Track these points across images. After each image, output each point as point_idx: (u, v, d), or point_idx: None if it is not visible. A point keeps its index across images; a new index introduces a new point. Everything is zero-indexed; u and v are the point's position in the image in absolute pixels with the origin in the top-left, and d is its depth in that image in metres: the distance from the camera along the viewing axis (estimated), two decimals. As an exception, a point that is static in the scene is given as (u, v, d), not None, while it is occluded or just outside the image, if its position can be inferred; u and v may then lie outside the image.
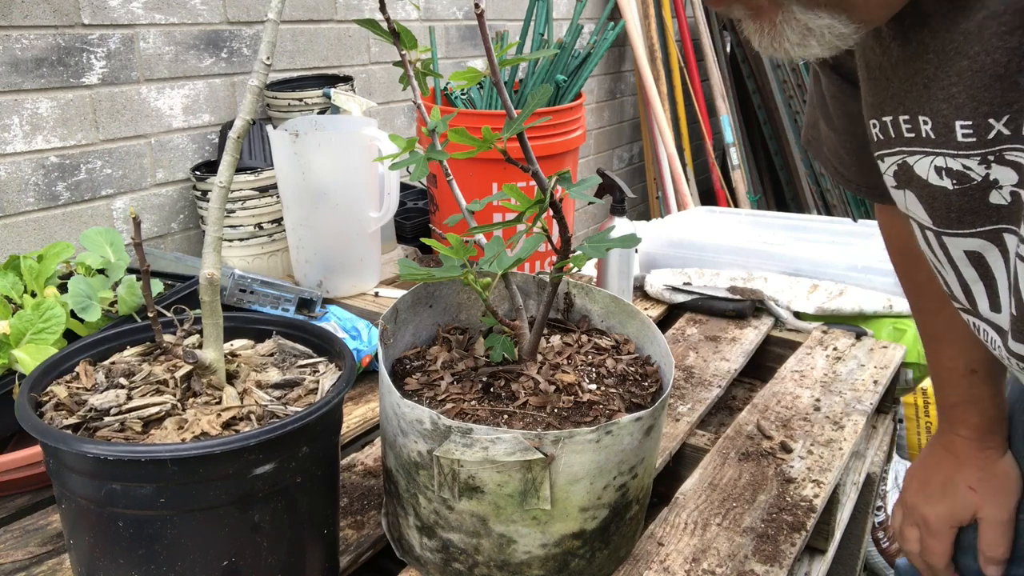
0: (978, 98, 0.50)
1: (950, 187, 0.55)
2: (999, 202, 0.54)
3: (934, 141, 0.54)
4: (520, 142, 0.72)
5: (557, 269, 0.75)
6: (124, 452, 0.57)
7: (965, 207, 0.56)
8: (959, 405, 0.83)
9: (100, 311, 0.94)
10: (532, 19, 1.66)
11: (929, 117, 0.54)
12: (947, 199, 0.56)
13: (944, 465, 0.85)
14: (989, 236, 0.56)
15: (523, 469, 0.65)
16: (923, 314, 0.85)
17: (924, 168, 0.56)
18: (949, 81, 0.52)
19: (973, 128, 0.51)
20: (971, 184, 0.54)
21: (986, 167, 0.52)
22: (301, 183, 1.31)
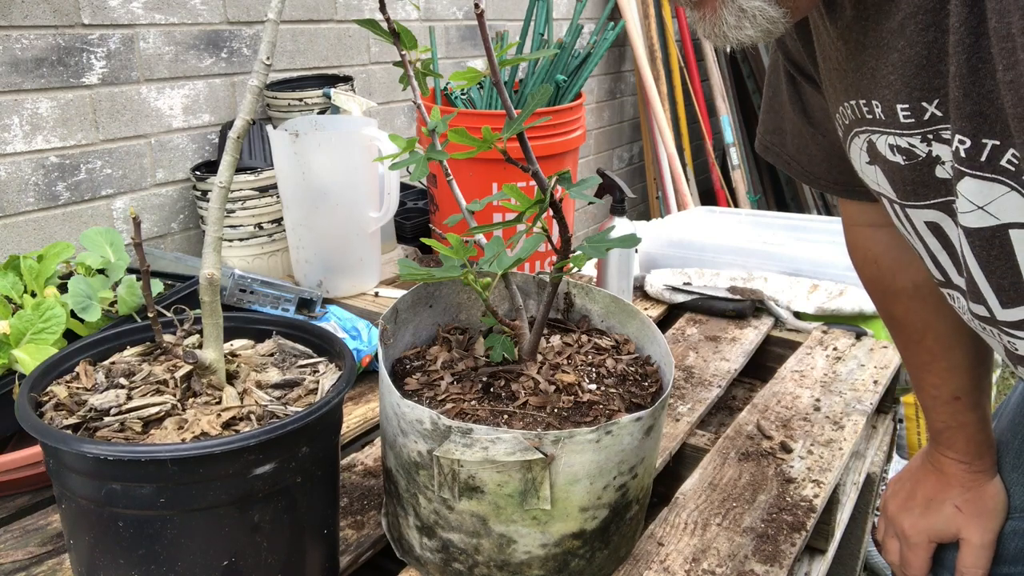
0: (911, 84, 0.56)
1: (902, 163, 0.61)
2: (944, 176, 0.59)
3: (884, 122, 0.60)
4: (520, 142, 0.72)
5: (557, 269, 0.75)
6: (124, 452, 0.57)
7: (917, 180, 0.61)
8: (945, 431, 0.85)
9: (100, 311, 0.94)
10: (532, 19, 1.66)
11: (878, 101, 0.60)
12: (901, 173, 0.62)
13: (930, 481, 0.86)
14: (942, 207, 0.61)
15: (523, 469, 0.65)
16: (904, 345, 0.87)
17: (883, 145, 0.62)
18: (887, 71, 0.58)
19: (911, 110, 0.57)
20: (918, 160, 0.59)
21: (927, 145, 0.58)
22: (301, 183, 1.31)
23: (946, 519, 0.84)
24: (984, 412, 0.84)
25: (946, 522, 0.84)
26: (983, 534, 0.82)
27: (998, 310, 0.62)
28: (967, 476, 0.84)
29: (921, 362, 0.85)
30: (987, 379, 0.85)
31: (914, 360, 0.86)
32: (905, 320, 0.85)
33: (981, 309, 0.64)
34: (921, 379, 0.86)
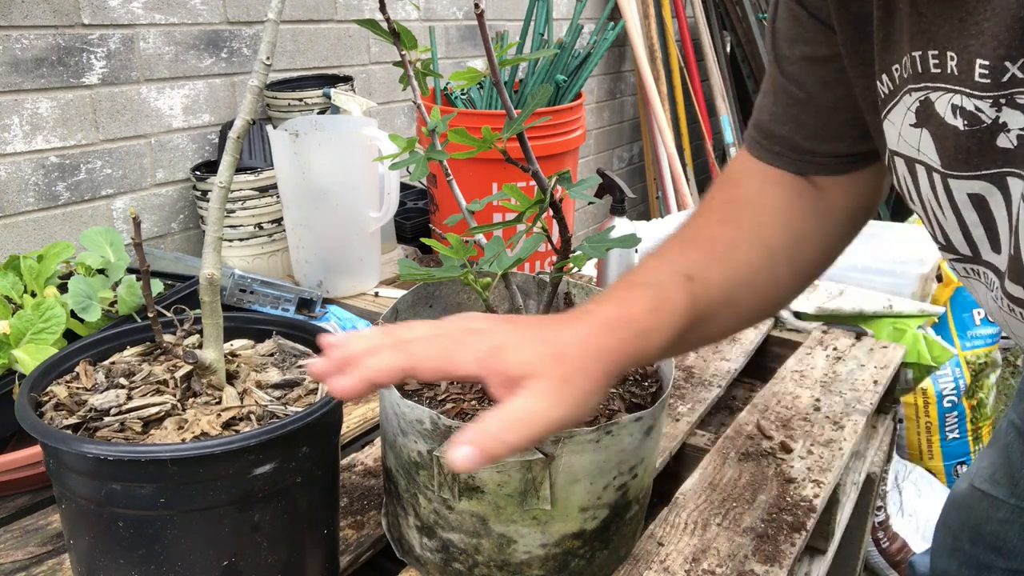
0: (999, 38, 0.49)
1: (961, 127, 0.55)
2: (1006, 145, 0.53)
3: (956, 78, 0.53)
4: (520, 142, 0.72)
5: (557, 269, 0.75)
6: (124, 452, 0.57)
7: (973, 149, 0.55)
8: (638, 287, 0.61)
9: (100, 311, 0.94)
10: (532, 19, 1.66)
11: (956, 53, 0.52)
12: (956, 140, 0.56)
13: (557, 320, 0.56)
14: (993, 179, 0.56)
15: (523, 469, 0.65)
16: (703, 215, 0.72)
17: (943, 105, 0.55)
18: (983, 16, 0.50)
19: (989, 69, 0.51)
20: (981, 127, 0.53)
21: (997, 110, 0.52)
22: (301, 183, 1.31)
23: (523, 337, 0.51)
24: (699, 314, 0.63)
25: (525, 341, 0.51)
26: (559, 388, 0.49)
27: None
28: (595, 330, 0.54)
29: (704, 234, 0.69)
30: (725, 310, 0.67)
31: (698, 226, 0.71)
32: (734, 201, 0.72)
33: (1020, 291, 0.58)
34: (683, 242, 0.69)
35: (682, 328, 0.60)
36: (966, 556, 1.03)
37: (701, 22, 3.08)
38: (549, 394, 0.48)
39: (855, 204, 0.76)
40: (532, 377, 0.48)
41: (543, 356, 0.49)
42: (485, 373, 0.49)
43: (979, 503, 1.00)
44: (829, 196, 0.75)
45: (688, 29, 3.09)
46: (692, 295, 0.62)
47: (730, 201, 0.73)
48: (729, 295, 0.66)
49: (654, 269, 0.64)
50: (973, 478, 1.03)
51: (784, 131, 0.72)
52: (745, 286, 0.68)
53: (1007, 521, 0.95)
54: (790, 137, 0.72)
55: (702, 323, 0.63)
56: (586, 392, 0.50)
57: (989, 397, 2.15)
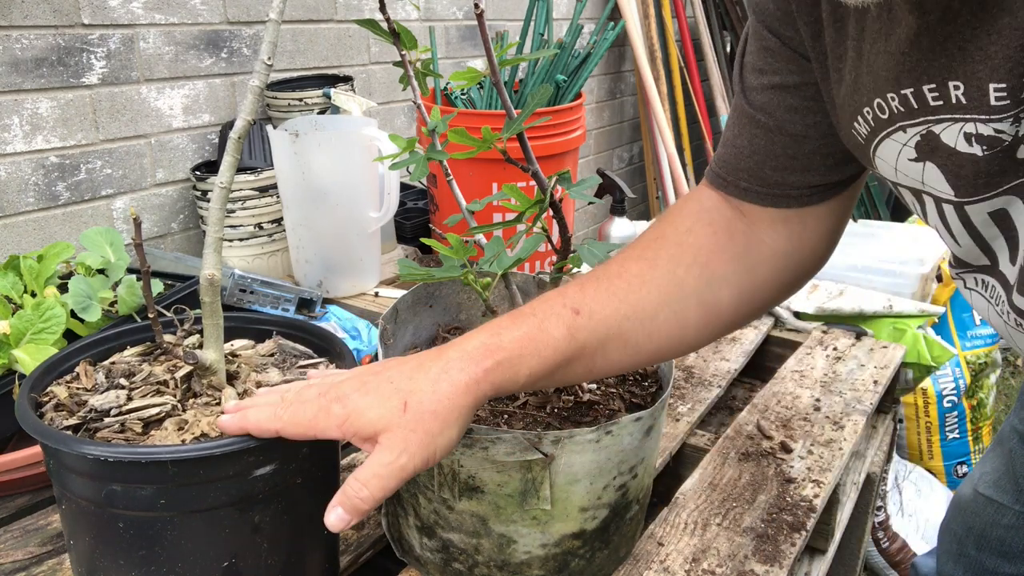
0: (1015, 58, 0.48)
1: (980, 153, 0.54)
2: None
3: (965, 107, 0.53)
4: (520, 142, 0.72)
5: (557, 269, 0.75)
6: (124, 453, 0.57)
7: (995, 170, 0.54)
8: (518, 318, 0.63)
9: (100, 311, 0.94)
10: (532, 19, 1.66)
11: (961, 82, 0.52)
12: (976, 166, 0.55)
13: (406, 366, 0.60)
14: (1015, 190, 0.55)
15: (523, 469, 0.65)
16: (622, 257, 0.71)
17: (952, 136, 0.55)
18: (988, 40, 0.49)
19: (1008, 91, 0.50)
20: (1002, 147, 0.53)
21: (1016, 125, 0.51)
22: (301, 183, 1.31)
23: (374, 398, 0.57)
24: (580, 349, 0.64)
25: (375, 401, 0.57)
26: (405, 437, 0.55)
27: None
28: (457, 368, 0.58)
29: (612, 270, 0.69)
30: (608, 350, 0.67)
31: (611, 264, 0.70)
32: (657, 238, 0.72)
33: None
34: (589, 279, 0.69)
35: (558, 359, 0.63)
36: (971, 561, 1.02)
37: (701, 22, 3.08)
38: (395, 445, 0.55)
39: (795, 249, 0.73)
40: (382, 432, 0.56)
41: (391, 410, 0.56)
42: (347, 437, 0.57)
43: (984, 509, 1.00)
44: (764, 242, 0.73)
45: (688, 29, 3.09)
46: (573, 327, 0.64)
47: (656, 238, 0.73)
48: (619, 331, 0.66)
49: (544, 301, 0.66)
50: (977, 483, 1.03)
51: (751, 163, 0.71)
52: (641, 323, 0.67)
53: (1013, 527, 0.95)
54: (757, 169, 0.71)
55: (585, 356, 0.65)
56: (434, 432, 0.56)
57: (989, 397, 2.15)
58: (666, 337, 0.69)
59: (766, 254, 0.73)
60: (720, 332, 0.74)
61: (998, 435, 1.02)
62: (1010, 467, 0.96)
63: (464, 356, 0.59)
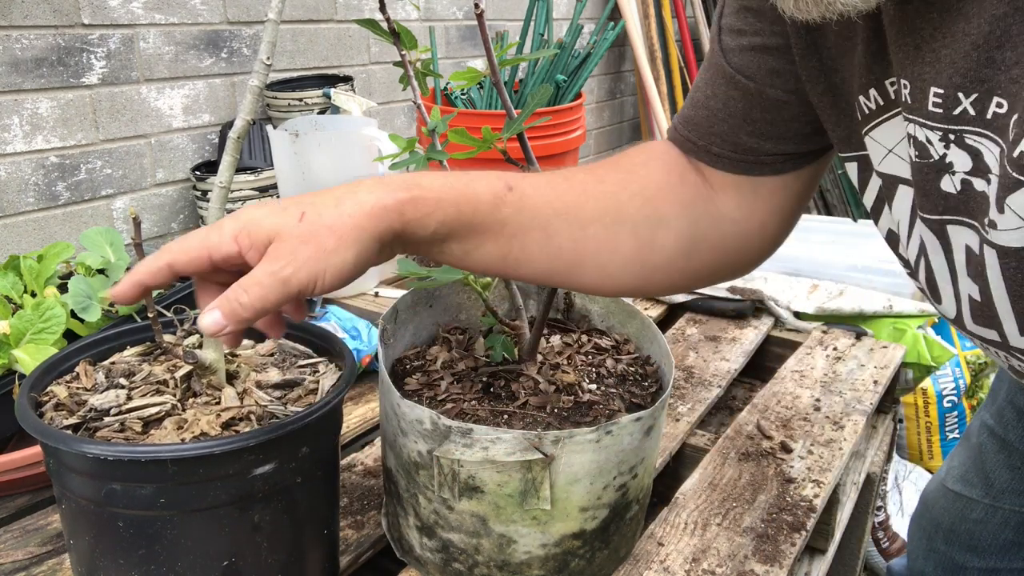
0: (956, 65, 0.47)
1: (913, 158, 0.53)
2: (949, 189, 0.51)
3: (909, 106, 0.51)
4: (520, 142, 0.72)
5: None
6: (124, 452, 0.57)
7: (919, 185, 0.53)
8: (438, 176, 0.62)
9: (100, 311, 0.94)
10: (532, 19, 1.66)
11: (909, 81, 0.50)
12: (913, 171, 0.54)
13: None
14: (936, 225, 0.53)
15: (523, 469, 0.65)
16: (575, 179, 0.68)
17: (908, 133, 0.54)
18: (942, 43, 0.48)
19: (943, 98, 0.48)
20: (928, 161, 0.51)
21: (945, 146, 0.49)
22: (301, 183, 1.31)
23: (271, 208, 0.54)
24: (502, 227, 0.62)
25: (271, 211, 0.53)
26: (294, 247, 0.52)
27: (1015, 336, 0.54)
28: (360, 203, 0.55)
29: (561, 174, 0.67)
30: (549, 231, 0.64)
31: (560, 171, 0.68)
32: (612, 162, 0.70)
33: (991, 334, 0.55)
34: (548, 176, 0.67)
35: (474, 222, 0.59)
36: (941, 557, 1.02)
37: (701, 22, 3.08)
38: (283, 255, 0.51)
39: (744, 218, 0.70)
40: (275, 240, 0.51)
41: (287, 220, 0.52)
42: (238, 247, 0.52)
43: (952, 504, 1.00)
44: (714, 202, 0.70)
45: (688, 29, 3.09)
46: (499, 199, 0.60)
47: (610, 162, 0.70)
48: (545, 224, 0.62)
49: (486, 173, 0.63)
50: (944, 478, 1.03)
51: (724, 127, 0.68)
52: (569, 226, 0.63)
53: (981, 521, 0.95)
54: (731, 134, 0.68)
55: (503, 235, 0.61)
56: (328, 250, 0.51)
57: (989, 397, 2.14)
58: (591, 253, 0.65)
59: (713, 214, 0.69)
60: (643, 282, 0.69)
61: (967, 430, 1.02)
62: (979, 461, 0.96)
63: (378, 184, 0.55)
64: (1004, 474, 0.84)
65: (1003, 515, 0.89)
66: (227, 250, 0.52)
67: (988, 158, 0.47)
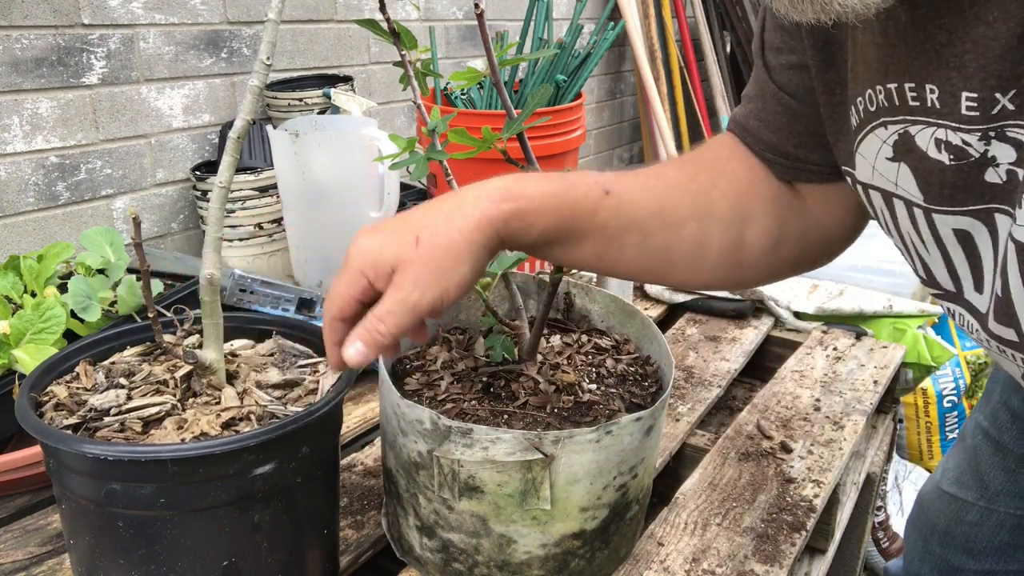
0: (988, 69, 0.48)
1: (947, 162, 0.53)
2: (994, 180, 0.51)
3: (938, 111, 0.52)
4: (520, 142, 0.72)
5: (557, 269, 0.75)
6: (124, 452, 0.57)
7: (959, 184, 0.53)
8: (538, 176, 0.63)
9: (100, 311, 0.94)
10: (532, 19, 1.66)
11: (936, 86, 0.51)
12: (942, 175, 0.54)
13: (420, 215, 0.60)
14: (979, 215, 0.54)
15: (523, 469, 0.65)
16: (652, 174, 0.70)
17: (925, 140, 0.54)
18: (963, 48, 0.49)
19: (978, 101, 0.49)
20: (968, 160, 0.52)
21: (986, 143, 0.50)
22: (301, 183, 1.31)
23: (387, 235, 0.57)
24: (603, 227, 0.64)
25: (388, 239, 0.57)
26: (417, 272, 0.56)
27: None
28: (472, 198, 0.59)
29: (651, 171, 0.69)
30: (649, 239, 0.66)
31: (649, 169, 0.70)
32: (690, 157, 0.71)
33: (1009, 333, 0.55)
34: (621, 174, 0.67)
35: (575, 227, 0.61)
36: (937, 559, 1.02)
37: (701, 22, 3.08)
38: (408, 282, 0.55)
39: (823, 214, 0.72)
40: (398, 268, 0.56)
41: (405, 247, 0.56)
42: (367, 279, 0.57)
43: (948, 506, 0.99)
44: (806, 202, 0.72)
45: (688, 29, 3.09)
46: (599, 204, 0.62)
47: (695, 158, 0.72)
48: (643, 225, 0.64)
49: (580, 175, 0.64)
50: (940, 480, 1.02)
51: (773, 138, 0.71)
52: (665, 226, 0.65)
53: (976, 523, 0.95)
54: (780, 144, 0.70)
55: (601, 237, 0.63)
56: (446, 269, 0.56)
57: (989, 397, 2.14)
58: (686, 253, 0.68)
59: (795, 208, 0.71)
60: (733, 276, 0.72)
61: (961, 432, 1.01)
62: (974, 464, 0.96)
63: (482, 194, 0.59)
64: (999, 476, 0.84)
65: (998, 517, 0.89)
66: (362, 286, 0.57)
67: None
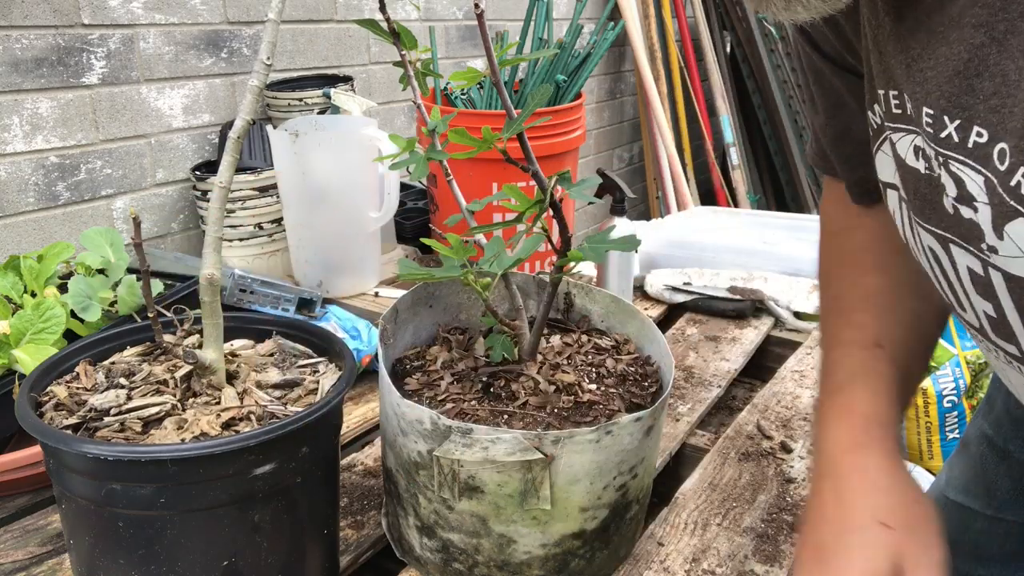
0: (941, 89, 0.47)
1: (922, 170, 0.52)
2: (948, 209, 0.50)
3: (912, 120, 0.51)
4: (520, 142, 0.72)
5: (557, 269, 0.75)
6: (124, 452, 0.57)
7: (926, 196, 0.53)
8: (846, 386, 0.65)
9: (100, 311, 0.94)
10: (532, 19, 1.66)
11: (909, 95, 0.51)
12: (917, 183, 0.53)
13: (831, 505, 0.62)
14: (940, 240, 0.53)
15: (523, 469, 0.65)
16: (841, 281, 0.72)
17: (904, 147, 0.53)
18: (928, 64, 0.48)
19: (933, 119, 0.48)
20: (933, 175, 0.51)
21: (940, 165, 0.50)
22: (301, 183, 1.31)
23: (875, 545, 0.58)
24: (904, 372, 0.67)
25: (876, 550, 0.57)
26: (932, 550, 0.59)
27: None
28: (875, 468, 0.61)
29: (860, 295, 0.70)
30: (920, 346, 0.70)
31: (848, 293, 0.71)
32: (857, 251, 0.71)
33: (1011, 347, 0.54)
34: (847, 315, 0.70)
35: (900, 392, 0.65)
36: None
37: (701, 22, 3.08)
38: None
39: None
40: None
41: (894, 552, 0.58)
42: None
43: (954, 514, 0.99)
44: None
45: (688, 29, 3.09)
46: (894, 362, 0.66)
47: (861, 248, 0.72)
48: (911, 347, 0.68)
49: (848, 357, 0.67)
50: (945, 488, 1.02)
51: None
52: (911, 330, 0.69)
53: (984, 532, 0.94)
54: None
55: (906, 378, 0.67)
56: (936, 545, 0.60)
57: (989, 397, 2.14)
58: (922, 337, 0.71)
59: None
60: (940, 317, 0.73)
61: (964, 438, 1.01)
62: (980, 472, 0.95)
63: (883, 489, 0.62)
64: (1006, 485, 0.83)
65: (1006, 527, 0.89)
66: None
67: (971, 187, 0.48)
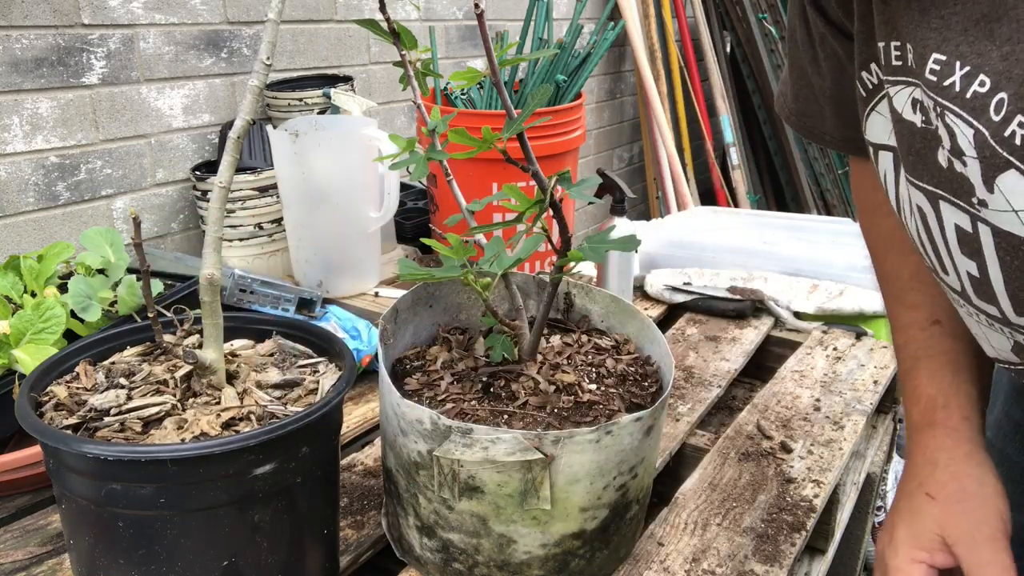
0: (965, 34, 0.46)
1: (918, 123, 0.52)
2: (942, 163, 0.50)
3: (913, 71, 0.51)
4: (520, 142, 0.72)
5: (557, 269, 0.75)
6: (124, 452, 0.57)
7: (920, 152, 0.52)
8: (912, 371, 0.69)
9: (100, 311, 0.94)
10: (532, 19, 1.66)
11: (913, 44, 0.50)
12: (911, 138, 0.53)
13: (902, 479, 0.69)
14: (929, 196, 0.53)
15: (523, 469, 0.65)
16: (887, 264, 0.74)
17: (902, 101, 0.53)
18: (950, 10, 0.47)
19: (941, 65, 0.48)
20: (930, 128, 0.51)
21: (937, 117, 0.49)
22: (301, 183, 1.31)
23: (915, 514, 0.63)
24: (967, 341, 0.69)
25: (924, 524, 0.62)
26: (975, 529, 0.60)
27: (1012, 314, 0.54)
28: (938, 443, 0.65)
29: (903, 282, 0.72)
30: None
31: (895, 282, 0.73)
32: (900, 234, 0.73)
33: (992, 308, 0.56)
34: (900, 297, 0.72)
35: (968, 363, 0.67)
36: None
37: (701, 22, 3.08)
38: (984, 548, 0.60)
39: None
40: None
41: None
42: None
43: None
44: None
45: (688, 29, 3.09)
46: (954, 335, 0.68)
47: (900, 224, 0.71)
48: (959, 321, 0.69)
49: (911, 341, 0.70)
50: None
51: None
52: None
53: None
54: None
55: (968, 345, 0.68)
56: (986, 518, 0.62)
57: (989, 397, 2.14)
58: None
59: None
60: None
61: None
62: None
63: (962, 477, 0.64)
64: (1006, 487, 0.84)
65: None
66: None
67: (961, 140, 0.48)
